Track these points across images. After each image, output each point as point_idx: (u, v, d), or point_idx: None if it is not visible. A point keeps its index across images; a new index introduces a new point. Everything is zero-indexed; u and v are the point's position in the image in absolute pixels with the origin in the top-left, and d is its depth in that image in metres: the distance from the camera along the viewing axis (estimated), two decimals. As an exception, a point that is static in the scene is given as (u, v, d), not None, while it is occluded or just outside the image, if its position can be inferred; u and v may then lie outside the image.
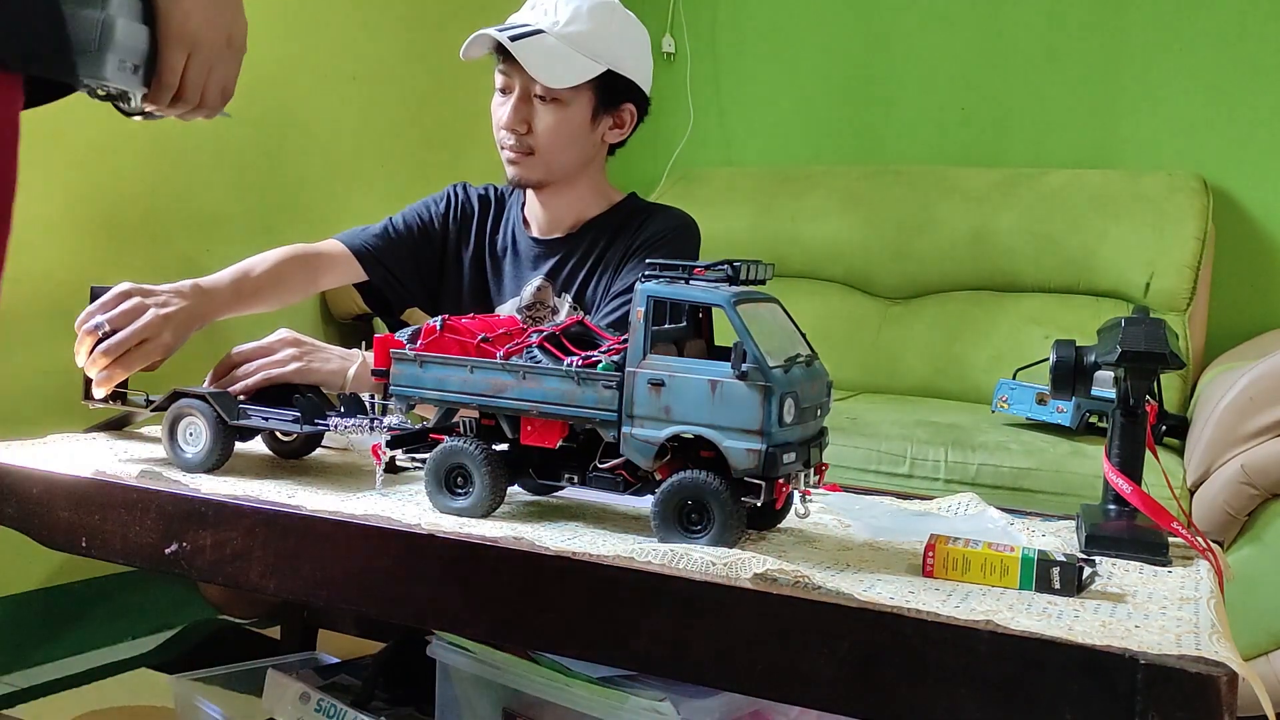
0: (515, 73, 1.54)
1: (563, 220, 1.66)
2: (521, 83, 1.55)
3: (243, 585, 1.07)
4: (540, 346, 0.96)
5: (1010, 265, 2.48)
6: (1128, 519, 1.00)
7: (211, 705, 1.40)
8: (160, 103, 0.90)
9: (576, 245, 1.66)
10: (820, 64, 2.87)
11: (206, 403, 1.08)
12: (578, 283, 1.64)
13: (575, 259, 1.65)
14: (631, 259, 1.61)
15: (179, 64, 0.87)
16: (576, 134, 1.58)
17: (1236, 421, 1.71)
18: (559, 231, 1.67)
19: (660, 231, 1.64)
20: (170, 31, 0.85)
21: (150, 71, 0.85)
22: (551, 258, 1.66)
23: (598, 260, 1.64)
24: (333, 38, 2.37)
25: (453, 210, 1.73)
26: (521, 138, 1.56)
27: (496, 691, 1.14)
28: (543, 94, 1.54)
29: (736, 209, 2.75)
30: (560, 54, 1.52)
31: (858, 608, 0.75)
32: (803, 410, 0.88)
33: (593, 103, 1.58)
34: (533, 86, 1.54)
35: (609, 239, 1.65)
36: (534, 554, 0.85)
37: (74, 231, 1.92)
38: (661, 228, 1.64)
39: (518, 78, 1.55)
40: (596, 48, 1.55)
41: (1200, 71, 2.48)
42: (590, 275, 1.64)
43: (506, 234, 1.71)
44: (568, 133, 1.57)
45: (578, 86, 1.55)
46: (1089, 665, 0.68)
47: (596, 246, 1.65)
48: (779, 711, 1.08)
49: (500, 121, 1.58)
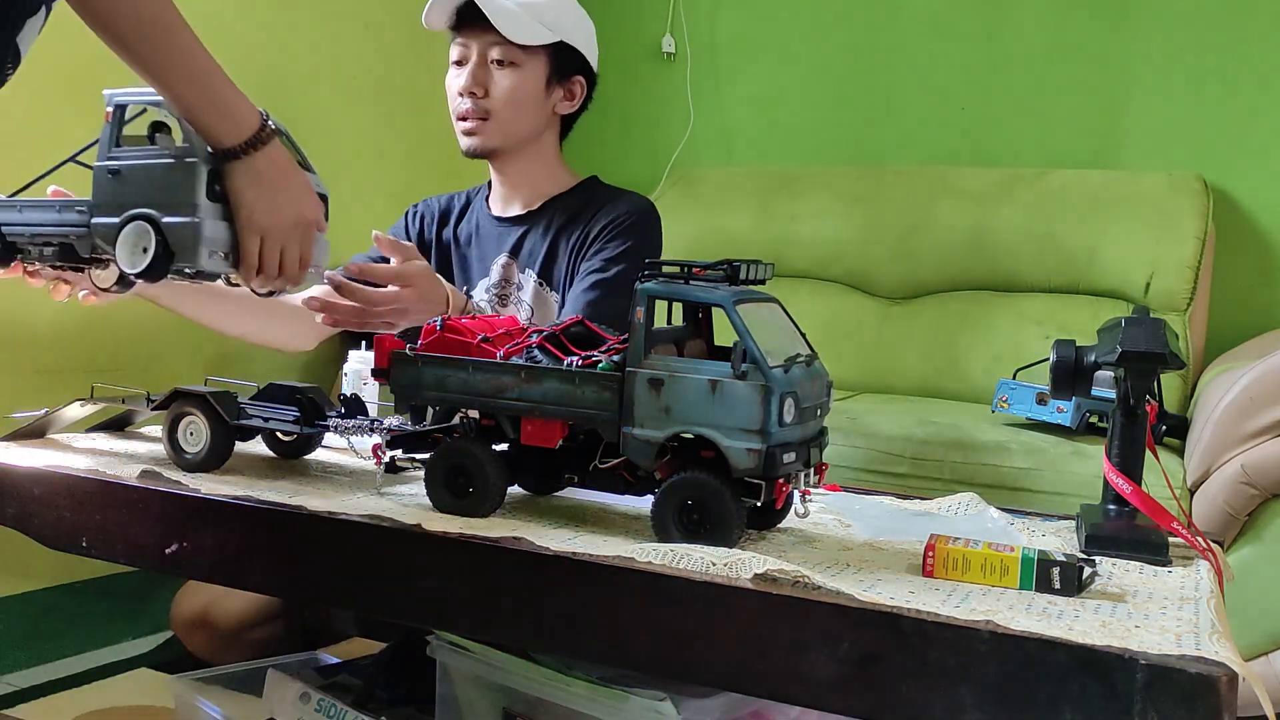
0: (473, 39, 1.65)
1: (522, 194, 1.73)
2: (479, 48, 1.64)
3: (243, 585, 1.07)
4: (540, 346, 0.97)
5: (1010, 265, 2.48)
6: (1128, 519, 1.00)
7: (211, 705, 1.40)
8: (248, 280, 1.13)
9: (537, 221, 1.71)
10: (820, 64, 2.87)
11: (206, 402, 1.08)
12: (541, 258, 1.68)
13: (537, 235, 1.70)
14: (597, 242, 1.65)
15: (254, 248, 1.10)
16: (531, 98, 1.66)
17: (1236, 421, 1.71)
18: (519, 207, 1.73)
19: (625, 215, 1.68)
20: (242, 225, 1.09)
21: (236, 256, 1.10)
22: (513, 234, 1.71)
23: (559, 236, 1.68)
24: (333, 38, 2.37)
25: (410, 226, 1.81)
26: (478, 101, 1.65)
27: (496, 691, 1.14)
28: (500, 58, 1.64)
29: (736, 209, 2.75)
30: (520, 16, 1.62)
31: (858, 608, 0.75)
32: (803, 410, 0.88)
33: (546, 70, 1.67)
34: (490, 51, 1.64)
35: (570, 216, 1.69)
36: (534, 554, 0.85)
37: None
38: (626, 211, 1.69)
39: (475, 44, 1.65)
40: (550, 19, 1.65)
41: (1200, 71, 2.48)
42: (554, 252, 1.68)
43: (471, 223, 1.77)
44: (523, 96, 1.65)
45: (533, 52, 1.65)
46: (1089, 665, 0.68)
47: (556, 223, 1.69)
48: (779, 711, 1.08)
49: (457, 88, 1.66)
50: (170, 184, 1.07)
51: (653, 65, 3.06)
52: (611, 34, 3.11)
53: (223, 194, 1.08)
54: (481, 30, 1.62)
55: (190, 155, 1.07)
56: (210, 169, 1.07)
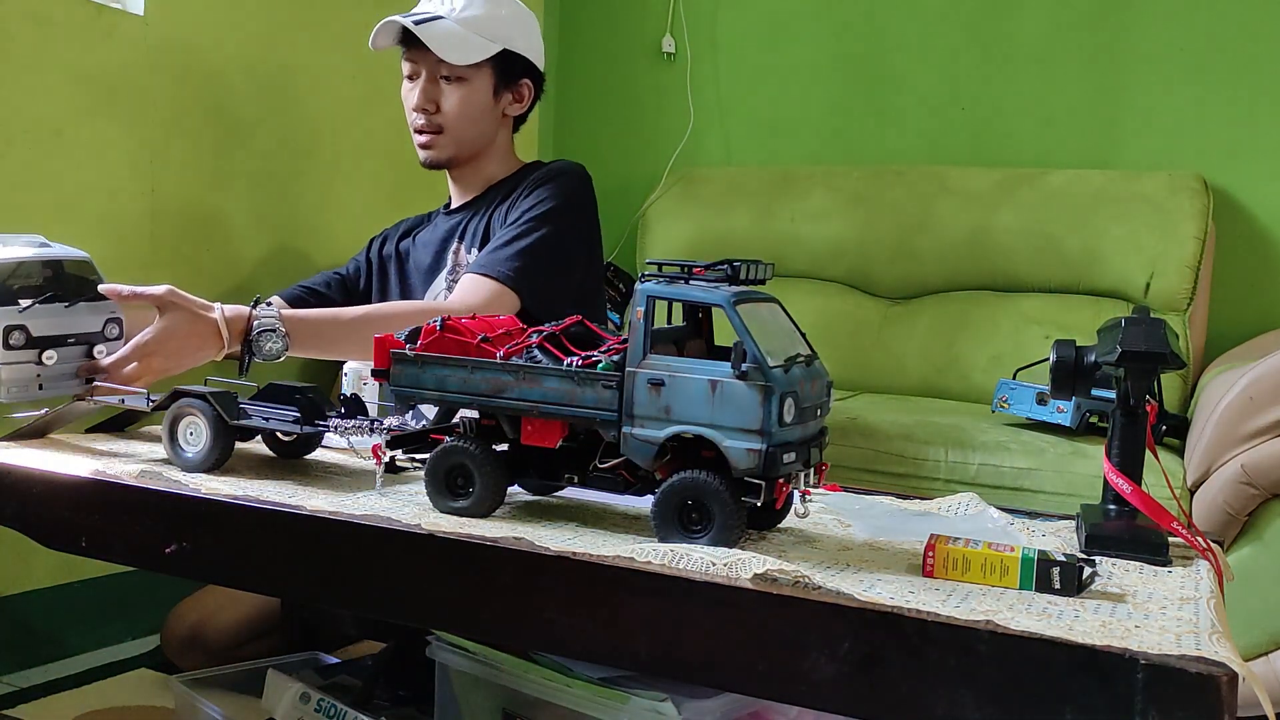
0: (420, 58, 1.72)
1: (472, 188, 1.82)
2: (427, 66, 1.72)
3: (242, 585, 1.07)
4: (540, 346, 0.96)
5: (1010, 265, 2.48)
6: (1128, 519, 1.00)
7: (211, 705, 1.40)
8: None
9: (481, 205, 1.79)
10: (820, 64, 2.87)
11: (206, 402, 1.08)
12: (480, 235, 1.75)
13: (479, 215, 1.78)
14: (518, 200, 1.72)
15: None
16: (480, 109, 1.74)
17: (1236, 421, 1.71)
18: (468, 198, 1.82)
19: (544, 174, 1.75)
20: None
21: None
22: (459, 221, 1.80)
23: (494, 211, 1.75)
24: (333, 38, 2.37)
25: (373, 247, 1.90)
26: (431, 117, 1.73)
27: (496, 692, 1.14)
28: (447, 74, 1.71)
29: (736, 209, 2.75)
30: (459, 35, 1.69)
31: (858, 608, 0.75)
32: (803, 410, 0.88)
33: (493, 80, 1.75)
34: (437, 69, 1.71)
35: (504, 194, 1.76)
36: (534, 554, 0.85)
37: (74, 231, 1.92)
38: (546, 171, 1.76)
39: (423, 62, 1.72)
40: (491, 29, 1.72)
41: (1200, 71, 2.48)
42: (490, 226, 1.75)
43: (428, 229, 1.86)
44: (472, 109, 1.73)
45: (478, 65, 1.72)
46: (1089, 665, 0.68)
47: (495, 201, 1.77)
48: (779, 711, 1.08)
49: (410, 104, 1.74)
50: None
51: (653, 65, 3.06)
52: (611, 34, 3.12)
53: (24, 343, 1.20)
54: (426, 50, 1.69)
55: None
56: (5, 326, 1.19)
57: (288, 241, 2.30)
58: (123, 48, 1.94)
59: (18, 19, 1.79)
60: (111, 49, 1.92)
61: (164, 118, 2.02)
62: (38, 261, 1.24)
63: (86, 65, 1.89)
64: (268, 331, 1.36)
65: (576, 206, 1.73)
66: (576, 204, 1.73)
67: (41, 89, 1.82)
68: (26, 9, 1.80)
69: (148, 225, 2.02)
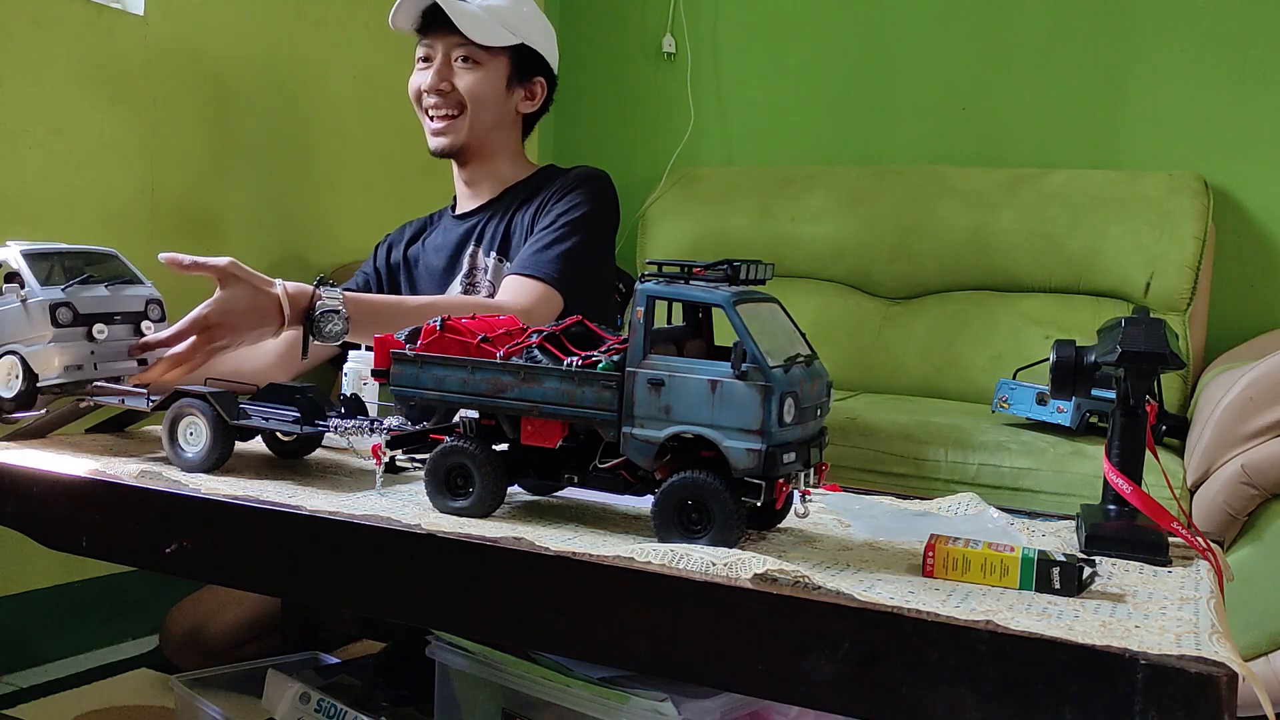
0: (438, 40, 1.72)
1: (484, 190, 1.80)
2: (444, 48, 1.72)
3: (242, 585, 1.07)
4: (540, 346, 0.96)
5: (1010, 265, 2.48)
6: (1128, 519, 1.00)
7: (211, 705, 1.40)
8: None
9: (497, 208, 1.78)
10: (820, 64, 2.87)
11: (206, 402, 1.08)
12: (499, 239, 1.74)
13: (496, 220, 1.76)
14: (549, 204, 1.72)
15: None
16: (493, 95, 1.74)
17: (1236, 421, 1.71)
18: (481, 201, 1.80)
19: (574, 179, 1.75)
20: None
21: None
22: (475, 224, 1.78)
23: (515, 215, 1.75)
24: (334, 38, 2.37)
25: (377, 256, 1.88)
26: (447, 95, 1.72)
27: (496, 691, 1.14)
28: (465, 55, 1.71)
29: (736, 209, 2.75)
30: (483, 18, 1.71)
31: (858, 608, 0.75)
32: (803, 410, 0.88)
33: (508, 70, 1.75)
34: (454, 51, 1.71)
35: (525, 197, 1.76)
36: (534, 554, 0.85)
37: (74, 231, 1.92)
38: (575, 176, 1.76)
39: (440, 45, 1.72)
40: (512, 22, 1.73)
41: (1200, 71, 2.48)
42: (510, 229, 1.74)
43: (436, 233, 1.84)
44: (485, 93, 1.73)
45: (495, 53, 1.72)
46: (1089, 665, 0.68)
47: (515, 204, 1.76)
48: (779, 711, 1.08)
49: (423, 85, 1.73)
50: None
51: (653, 65, 3.06)
52: (611, 34, 3.12)
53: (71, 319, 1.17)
54: (446, 32, 1.70)
55: (33, 296, 1.17)
56: (51, 303, 1.16)
57: (287, 241, 2.31)
58: (123, 48, 1.94)
59: (18, 19, 1.79)
60: (111, 49, 1.93)
61: (164, 118, 2.02)
62: (69, 251, 1.23)
63: (86, 65, 1.89)
64: (330, 313, 1.33)
65: (609, 214, 1.76)
66: (608, 211, 1.76)
67: (41, 89, 1.83)
68: (26, 9, 1.80)
69: (148, 225, 2.02)
